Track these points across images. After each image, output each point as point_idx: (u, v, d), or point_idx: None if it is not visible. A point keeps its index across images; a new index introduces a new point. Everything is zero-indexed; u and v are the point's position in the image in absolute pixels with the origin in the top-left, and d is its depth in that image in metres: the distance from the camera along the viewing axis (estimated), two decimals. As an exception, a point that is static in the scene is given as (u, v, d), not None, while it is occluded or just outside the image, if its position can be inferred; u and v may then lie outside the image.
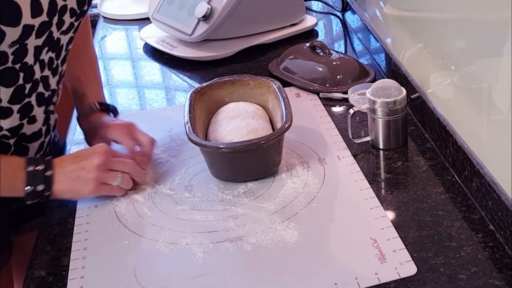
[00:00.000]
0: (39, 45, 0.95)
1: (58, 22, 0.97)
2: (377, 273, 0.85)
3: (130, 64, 1.62)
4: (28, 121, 1.01)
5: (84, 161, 0.99)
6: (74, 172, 0.98)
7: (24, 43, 0.92)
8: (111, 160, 1.00)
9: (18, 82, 0.96)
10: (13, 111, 0.98)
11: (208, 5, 1.46)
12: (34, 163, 0.96)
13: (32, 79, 0.98)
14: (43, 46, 0.97)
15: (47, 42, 0.97)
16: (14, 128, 0.99)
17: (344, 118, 1.21)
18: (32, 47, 0.94)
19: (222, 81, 1.18)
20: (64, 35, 1.01)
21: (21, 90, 0.97)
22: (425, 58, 1.20)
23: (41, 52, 0.97)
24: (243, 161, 1.03)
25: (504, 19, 0.85)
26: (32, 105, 1.00)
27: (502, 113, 0.91)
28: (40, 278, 0.91)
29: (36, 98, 1.00)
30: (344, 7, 1.71)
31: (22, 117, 0.99)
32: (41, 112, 1.03)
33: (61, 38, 1.00)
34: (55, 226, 1.01)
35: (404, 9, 1.32)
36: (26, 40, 0.92)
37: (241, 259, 0.90)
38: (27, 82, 0.97)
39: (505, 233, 0.88)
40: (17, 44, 0.91)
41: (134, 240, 0.95)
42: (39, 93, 1.00)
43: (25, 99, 0.98)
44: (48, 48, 0.98)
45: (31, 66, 0.96)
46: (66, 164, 0.98)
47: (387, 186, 1.04)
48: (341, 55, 1.43)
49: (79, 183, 0.98)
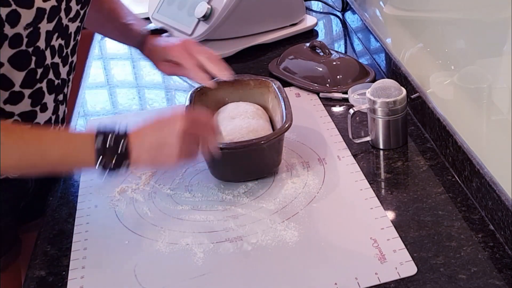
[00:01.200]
0: (50, 30, 0.96)
1: (66, 8, 0.98)
2: (377, 273, 0.85)
3: (130, 64, 1.62)
4: (41, 109, 1.01)
5: (166, 130, 0.89)
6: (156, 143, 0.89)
7: (37, 26, 0.93)
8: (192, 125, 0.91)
9: (30, 66, 0.96)
10: (25, 95, 0.97)
11: (208, 5, 1.46)
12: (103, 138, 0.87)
13: (43, 64, 0.98)
14: (54, 32, 0.97)
15: (57, 28, 0.97)
16: (26, 114, 0.99)
17: (344, 118, 1.21)
18: (44, 31, 0.95)
19: (222, 81, 1.18)
20: (72, 23, 1.02)
21: (32, 74, 0.97)
22: (425, 58, 1.20)
23: (51, 37, 0.97)
24: (243, 161, 1.03)
25: (504, 19, 0.85)
26: (43, 92, 1.00)
27: (502, 113, 0.91)
28: (40, 278, 0.91)
29: (47, 84, 1.00)
30: (344, 7, 1.71)
31: (33, 103, 0.99)
32: (52, 100, 1.02)
33: (69, 25, 1.01)
34: (55, 226, 1.01)
35: (404, 9, 1.32)
36: (39, 23, 0.93)
37: (241, 259, 0.90)
38: (39, 67, 0.97)
39: (505, 233, 0.88)
40: (31, 27, 0.92)
41: (134, 240, 0.95)
42: (49, 79, 1.00)
43: (37, 84, 0.98)
44: (58, 35, 0.99)
45: (42, 50, 0.96)
46: (145, 134, 0.89)
47: (387, 186, 1.04)
48: (341, 55, 1.43)
49: (163, 153, 0.89)
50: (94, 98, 1.44)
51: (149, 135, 0.89)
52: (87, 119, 1.33)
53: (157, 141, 0.89)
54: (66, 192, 1.09)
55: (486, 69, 0.96)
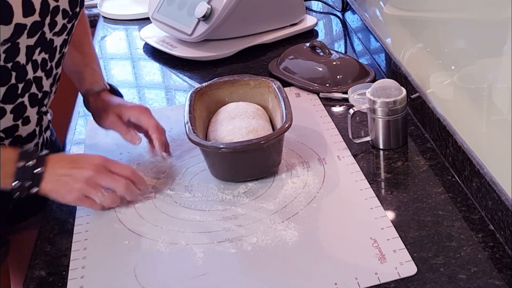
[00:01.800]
0: (31, 45, 0.95)
1: (51, 22, 0.97)
2: (377, 273, 0.85)
3: (130, 64, 1.62)
4: (23, 122, 1.01)
5: (75, 169, 0.97)
6: (64, 177, 0.96)
7: (15, 42, 0.92)
8: (103, 175, 0.97)
9: (10, 81, 0.96)
10: (6, 111, 0.97)
11: (208, 5, 1.46)
12: (25, 158, 0.94)
13: (24, 79, 0.98)
14: (36, 46, 0.97)
15: (39, 42, 0.97)
16: (8, 129, 0.99)
17: (344, 118, 1.21)
18: (24, 46, 0.94)
19: (222, 81, 1.18)
20: (58, 37, 1.01)
21: (13, 89, 0.97)
22: (425, 58, 1.20)
23: (33, 52, 0.97)
24: (243, 161, 1.03)
25: (504, 19, 0.85)
26: (25, 105, 1.00)
27: (502, 113, 0.91)
28: (40, 278, 0.91)
29: (29, 98, 1.00)
30: (344, 7, 1.71)
31: (15, 117, 0.99)
32: (34, 113, 1.03)
33: (54, 39, 1.00)
34: (55, 226, 1.01)
35: (404, 9, 1.32)
36: (18, 39, 0.92)
37: (241, 259, 0.90)
38: (20, 82, 0.97)
39: (505, 233, 0.88)
40: (8, 43, 0.91)
41: (134, 240, 0.95)
42: (32, 93, 1.00)
43: (18, 99, 0.98)
44: (41, 49, 0.98)
45: (23, 65, 0.96)
46: (60, 165, 0.97)
47: (387, 186, 1.04)
48: (341, 55, 1.43)
49: (65, 188, 0.96)
50: (94, 98, 1.44)
51: (62, 168, 0.97)
52: (87, 119, 1.33)
53: (65, 176, 0.96)
54: (66, 192, 1.09)
55: (486, 69, 0.96)
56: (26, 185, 0.94)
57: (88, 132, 1.26)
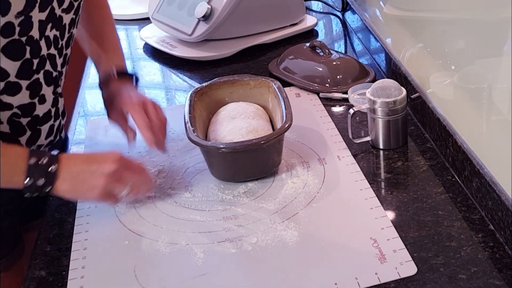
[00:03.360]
0: (43, 19, 0.96)
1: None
2: (377, 273, 0.85)
3: (130, 64, 1.61)
4: (39, 101, 1.00)
5: (96, 165, 0.94)
6: (82, 174, 0.93)
7: (29, 15, 0.93)
8: (123, 171, 0.96)
9: (25, 56, 0.95)
10: (22, 87, 0.97)
11: (208, 5, 1.46)
12: (37, 155, 0.91)
13: (39, 55, 0.98)
14: (47, 22, 0.97)
15: (50, 17, 0.97)
16: (26, 107, 0.98)
17: (344, 118, 1.21)
18: (36, 20, 0.95)
19: (222, 81, 1.18)
20: (66, 14, 1.01)
21: (28, 65, 0.96)
22: (425, 58, 1.20)
23: (45, 27, 0.97)
24: (243, 161, 1.03)
25: (504, 19, 0.85)
26: (40, 83, 0.99)
27: (502, 113, 0.91)
28: (40, 278, 0.91)
29: (44, 76, 1.00)
30: (344, 7, 1.71)
31: (32, 95, 0.99)
32: (50, 92, 1.02)
33: (63, 16, 1.01)
34: (55, 226, 1.01)
35: (404, 9, 1.32)
36: (31, 12, 0.93)
37: (241, 259, 0.90)
38: (34, 57, 0.97)
39: (505, 233, 0.88)
40: (22, 16, 0.91)
41: (134, 240, 0.95)
42: (46, 71, 1.00)
43: (34, 75, 0.98)
44: (52, 25, 0.98)
45: (37, 40, 0.96)
46: (75, 163, 0.94)
47: (387, 186, 1.04)
48: (341, 55, 1.43)
49: (86, 186, 0.94)
50: (94, 98, 1.44)
51: (78, 165, 0.94)
52: (87, 119, 1.33)
53: (83, 173, 0.93)
54: (66, 192, 1.09)
55: (486, 69, 0.96)
56: (39, 183, 0.91)
57: (88, 132, 1.26)
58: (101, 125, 1.28)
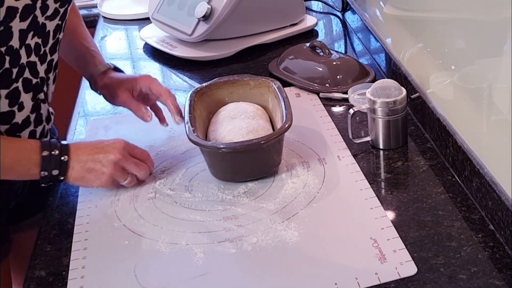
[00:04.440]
0: (24, 28, 0.96)
1: (42, 6, 0.98)
2: (377, 273, 0.85)
3: (130, 64, 1.61)
4: (19, 108, 1.01)
5: (101, 154, 1.00)
6: (89, 163, 1.00)
7: (8, 25, 0.93)
8: (127, 159, 1.02)
9: (4, 65, 0.96)
10: (1, 96, 0.97)
11: (208, 5, 1.46)
12: (49, 147, 0.97)
13: (18, 63, 0.98)
14: (28, 30, 0.97)
15: (32, 26, 0.97)
16: (5, 114, 0.99)
17: (344, 118, 1.21)
18: (17, 30, 0.94)
19: (222, 81, 1.18)
20: (50, 21, 1.01)
21: (8, 74, 0.97)
22: (425, 58, 1.20)
23: (26, 36, 0.97)
24: (243, 161, 1.03)
25: (504, 19, 0.85)
26: (19, 91, 1.00)
27: (502, 113, 0.91)
28: (40, 278, 0.91)
29: (23, 83, 1.00)
30: (344, 7, 1.71)
31: (11, 103, 0.99)
32: (29, 98, 1.02)
33: (47, 23, 1.00)
34: (55, 226, 1.01)
35: (404, 9, 1.32)
36: (11, 22, 0.93)
37: (241, 259, 0.90)
38: (14, 66, 0.97)
39: (505, 233, 0.88)
40: (1, 26, 0.91)
41: (134, 240, 0.95)
42: (25, 78, 1.00)
43: (13, 84, 0.98)
44: (33, 33, 0.98)
45: (16, 50, 0.96)
46: (82, 152, 1.00)
47: (387, 186, 1.04)
48: (341, 55, 1.43)
49: (93, 174, 1.00)
50: (94, 98, 1.43)
51: (86, 154, 1.00)
52: (87, 119, 1.33)
53: (91, 162, 1.00)
54: (66, 192, 1.09)
55: (486, 69, 0.96)
56: (53, 173, 0.97)
57: (88, 132, 1.26)
58: (101, 125, 1.28)
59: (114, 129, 1.25)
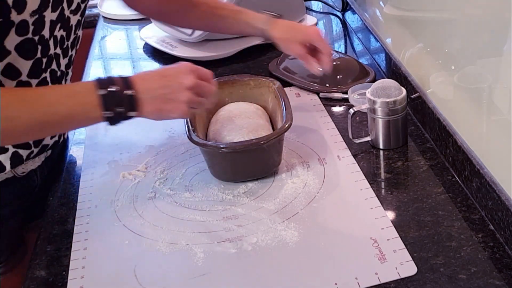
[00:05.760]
0: (54, 19, 0.96)
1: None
2: (377, 273, 0.85)
3: (130, 64, 1.62)
4: None
5: (173, 81, 0.91)
6: (161, 91, 0.90)
7: (42, 14, 0.93)
8: (199, 82, 0.93)
9: (36, 55, 0.96)
10: (32, 85, 0.97)
11: (208, 5, 1.46)
12: (105, 84, 0.88)
13: (47, 54, 0.98)
14: (57, 22, 0.97)
15: (59, 18, 0.97)
16: None
17: (344, 118, 1.21)
18: (48, 20, 0.95)
19: (222, 81, 1.18)
20: (73, 16, 1.02)
21: (39, 64, 0.97)
22: (425, 58, 1.20)
23: (55, 27, 0.97)
24: (243, 161, 1.03)
25: (504, 19, 0.85)
26: (47, 82, 1.00)
27: (502, 113, 0.91)
28: (40, 278, 0.91)
29: (50, 74, 1.00)
30: (344, 7, 1.71)
31: None
32: None
33: (71, 18, 1.01)
34: (55, 226, 1.01)
35: (404, 9, 1.32)
36: (44, 11, 0.93)
37: (241, 259, 0.90)
38: (44, 56, 0.97)
39: (505, 233, 0.88)
40: (36, 14, 0.91)
41: (134, 240, 0.95)
42: (52, 69, 1.00)
43: (42, 74, 0.98)
44: (60, 25, 0.99)
45: (47, 40, 0.96)
46: (150, 82, 0.90)
47: (387, 186, 1.04)
48: (341, 55, 1.43)
49: (170, 105, 0.91)
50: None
51: (157, 84, 0.90)
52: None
53: (164, 92, 0.90)
54: (66, 192, 1.09)
55: (486, 69, 0.96)
56: (119, 110, 0.88)
57: (88, 132, 1.26)
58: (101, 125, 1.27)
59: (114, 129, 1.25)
